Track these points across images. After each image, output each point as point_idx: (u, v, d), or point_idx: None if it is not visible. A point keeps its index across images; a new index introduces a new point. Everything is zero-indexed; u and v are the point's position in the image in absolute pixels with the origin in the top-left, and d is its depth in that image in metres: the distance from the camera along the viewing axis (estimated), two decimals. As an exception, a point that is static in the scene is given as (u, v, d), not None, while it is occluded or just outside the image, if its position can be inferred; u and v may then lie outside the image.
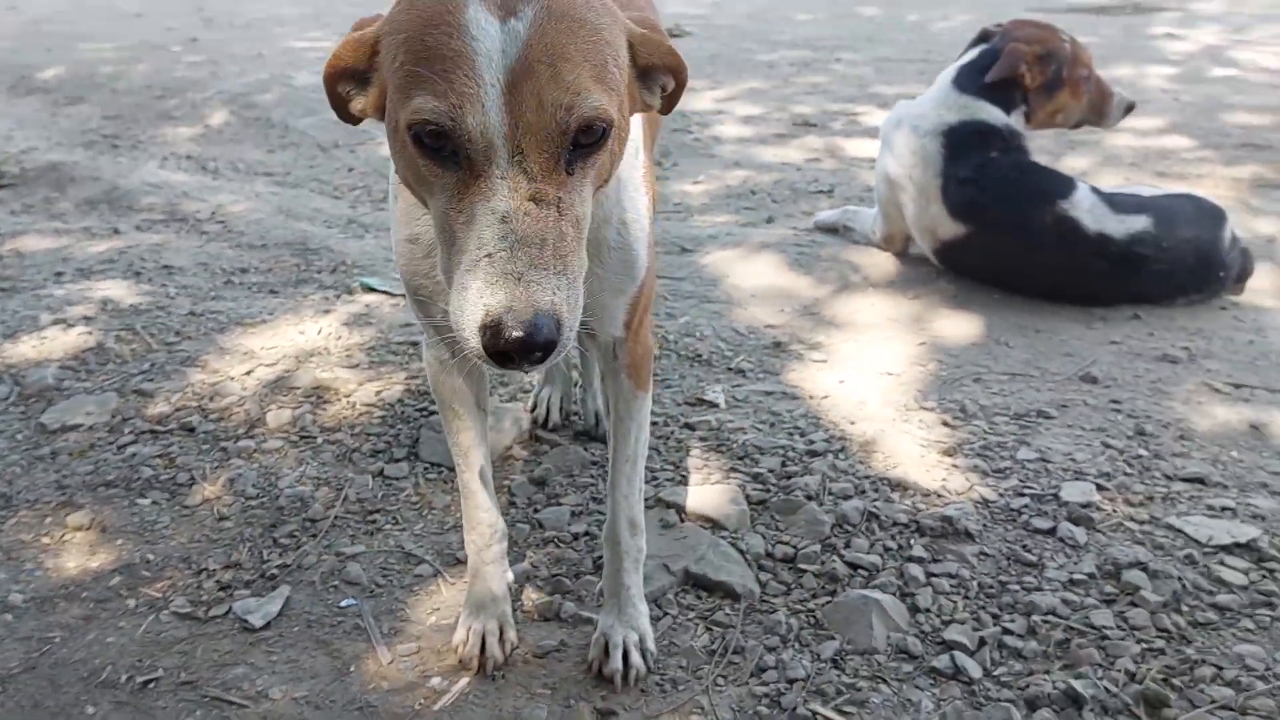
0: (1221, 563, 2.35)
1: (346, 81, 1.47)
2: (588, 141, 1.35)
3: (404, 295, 3.73)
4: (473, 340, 1.30)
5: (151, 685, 2.07)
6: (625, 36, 1.46)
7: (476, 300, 1.28)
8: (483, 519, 2.13)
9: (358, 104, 1.48)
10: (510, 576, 2.23)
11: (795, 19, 10.09)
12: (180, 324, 3.49)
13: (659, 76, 1.54)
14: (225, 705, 2.02)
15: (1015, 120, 3.80)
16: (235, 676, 2.08)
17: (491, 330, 1.27)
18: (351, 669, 2.11)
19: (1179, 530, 2.46)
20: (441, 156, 1.33)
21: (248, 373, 3.17)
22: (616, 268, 1.81)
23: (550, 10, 1.31)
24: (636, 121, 1.83)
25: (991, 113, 3.79)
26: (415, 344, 3.34)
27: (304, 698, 2.04)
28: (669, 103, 1.59)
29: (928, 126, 3.83)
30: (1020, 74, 3.74)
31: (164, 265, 4.07)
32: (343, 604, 2.29)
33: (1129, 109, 4.03)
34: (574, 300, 1.33)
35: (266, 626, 2.21)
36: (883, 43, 8.83)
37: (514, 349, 1.27)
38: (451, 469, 2.69)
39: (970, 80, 3.85)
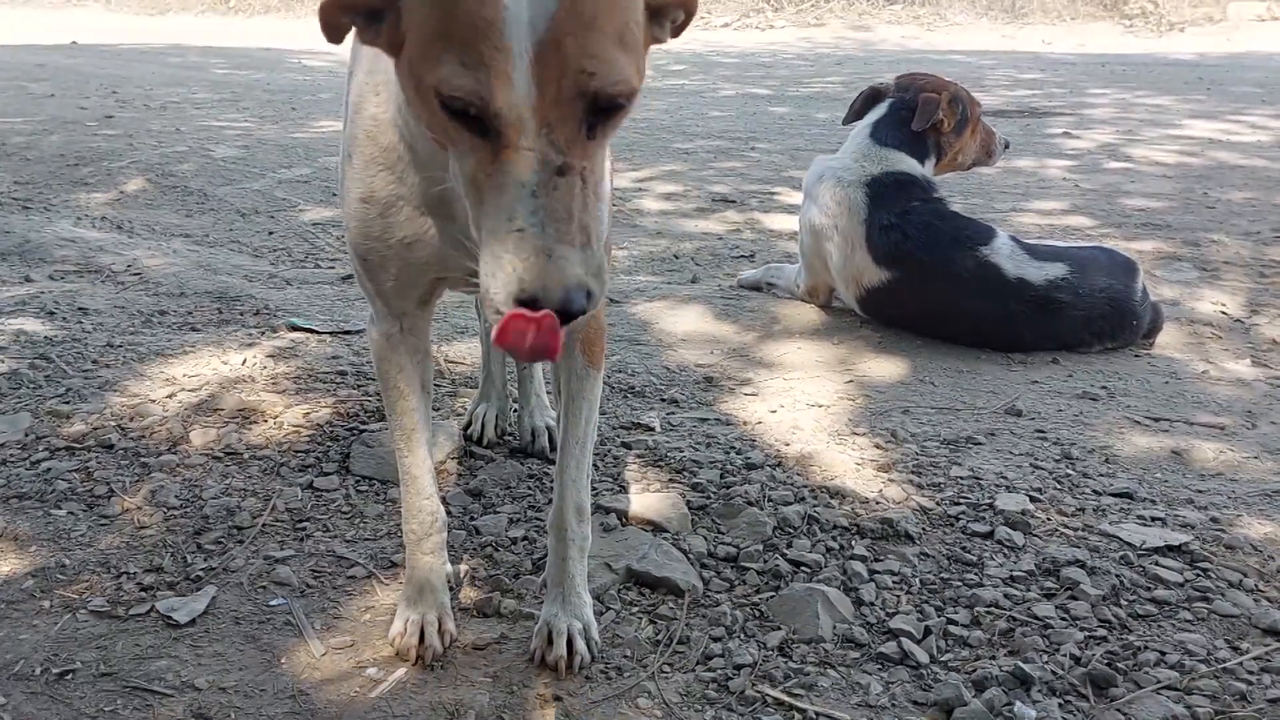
0: (1156, 563, 2.38)
1: (352, 14, 1.41)
2: (611, 108, 1.34)
3: (330, 332, 3.70)
4: (505, 309, 1.31)
5: (69, 676, 1.96)
6: None
7: (511, 273, 1.30)
8: (424, 506, 2.08)
9: (366, 36, 1.41)
10: (449, 568, 2.17)
11: (710, 115, 10.32)
12: (98, 354, 3.40)
13: (671, 10, 1.50)
14: (148, 695, 1.92)
15: (929, 169, 3.95)
16: (158, 668, 1.99)
17: (527, 305, 1.29)
18: (282, 661, 2.03)
19: (1113, 536, 2.49)
20: (469, 120, 1.31)
21: (169, 396, 3.08)
22: None
23: None
24: None
25: (910, 163, 3.92)
26: (343, 374, 3.29)
27: (232, 687, 1.95)
28: (677, 32, 1.56)
29: (851, 178, 3.93)
30: (940, 119, 3.88)
31: (79, 307, 3.97)
32: (272, 603, 2.20)
33: (1007, 146, 4.32)
34: (601, 266, 1.34)
35: (192, 623, 2.12)
36: (794, 136, 9.05)
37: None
38: (384, 482, 2.65)
39: (888, 133, 3.98)
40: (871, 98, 4.19)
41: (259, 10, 21.03)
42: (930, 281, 3.77)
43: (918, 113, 3.90)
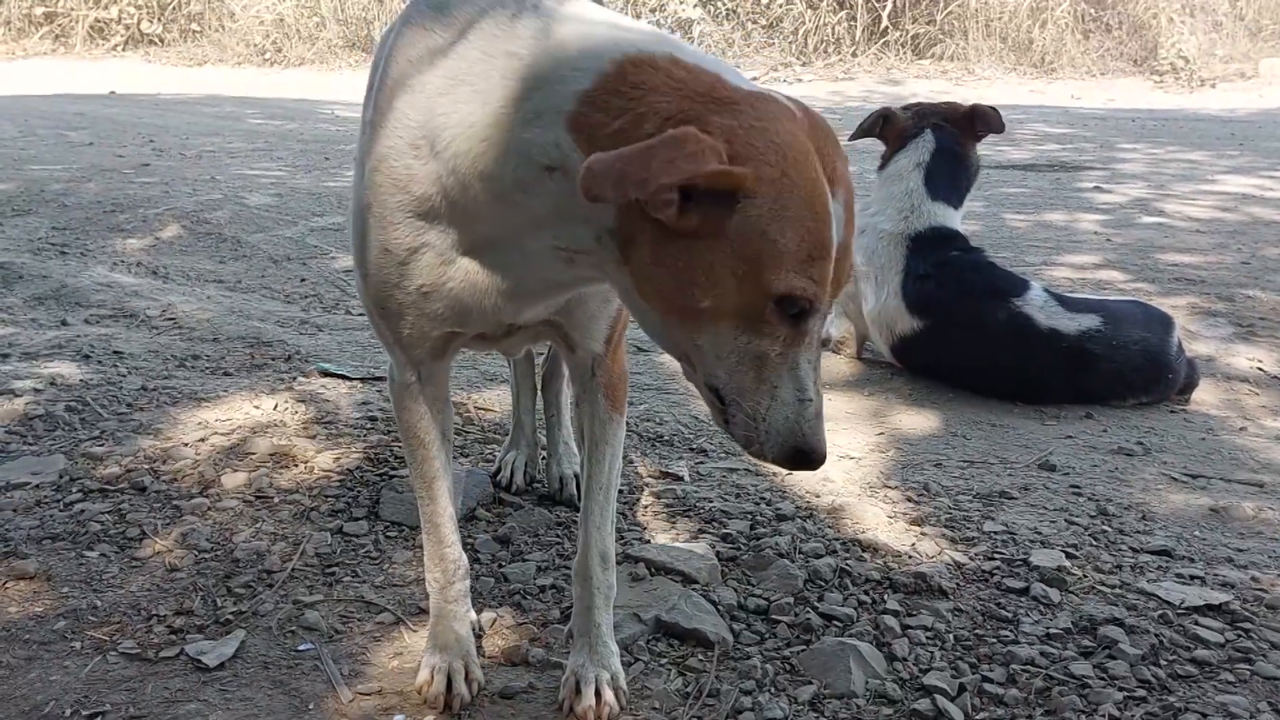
0: (1196, 622, 2.34)
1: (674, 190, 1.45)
2: None
3: (361, 378, 3.71)
4: (781, 455, 1.60)
5: (99, 718, 1.96)
6: None
7: (796, 429, 1.57)
8: (446, 555, 2.08)
9: (668, 213, 1.47)
10: (474, 616, 2.16)
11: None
12: (132, 397, 3.42)
13: None
14: (176, 739, 1.92)
15: (959, 216, 3.95)
16: (187, 712, 1.98)
17: (804, 457, 1.60)
18: (310, 707, 2.01)
19: (1151, 594, 2.45)
20: (786, 312, 1.53)
21: (202, 440, 3.09)
22: None
23: (850, 191, 1.58)
24: None
25: (953, 218, 3.93)
26: (374, 420, 3.29)
27: (260, 733, 1.94)
28: None
29: (894, 229, 3.93)
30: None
31: (114, 351, 3.99)
32: (300, 648, 2.19)
33: None
34: None
35: (221, 667, 2.11)
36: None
37: (813, 468, 1.64)
38: (413, 528, 2.63)
39: (939, 185, 3.96)
40: (885, 120, 4.13)
41: (294, 63, 21.29)
42: (962, 331, 3.76)
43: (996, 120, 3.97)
